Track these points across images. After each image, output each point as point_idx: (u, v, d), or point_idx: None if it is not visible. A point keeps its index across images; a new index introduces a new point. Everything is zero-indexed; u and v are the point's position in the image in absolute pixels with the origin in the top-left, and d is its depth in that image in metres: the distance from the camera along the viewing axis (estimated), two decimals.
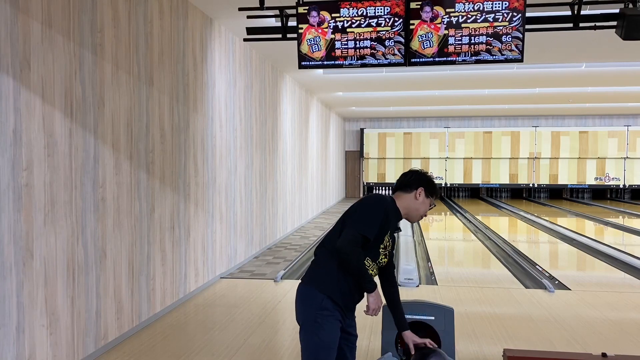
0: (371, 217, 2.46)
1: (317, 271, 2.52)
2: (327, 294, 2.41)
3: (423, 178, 2.64)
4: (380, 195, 2.56)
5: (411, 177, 2.65)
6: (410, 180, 2.64)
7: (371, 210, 2.48)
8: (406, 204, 2.61)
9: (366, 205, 2.51)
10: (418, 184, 2.61)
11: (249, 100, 7.76)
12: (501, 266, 7.46)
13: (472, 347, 4.20)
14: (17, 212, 3.17)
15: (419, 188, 2.60)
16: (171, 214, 5.23)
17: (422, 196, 2.61)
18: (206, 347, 4.21)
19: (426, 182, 2.63)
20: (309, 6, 4.79)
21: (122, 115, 4.30)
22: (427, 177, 2.66)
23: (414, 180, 2.63)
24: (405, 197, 2.61)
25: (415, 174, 2.67)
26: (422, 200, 2.61)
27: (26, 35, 3.23)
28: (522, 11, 4.53)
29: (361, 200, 2.59)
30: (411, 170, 2.72)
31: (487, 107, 16.13)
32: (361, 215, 2.47)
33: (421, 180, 2.63)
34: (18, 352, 3.18)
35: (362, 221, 2.44)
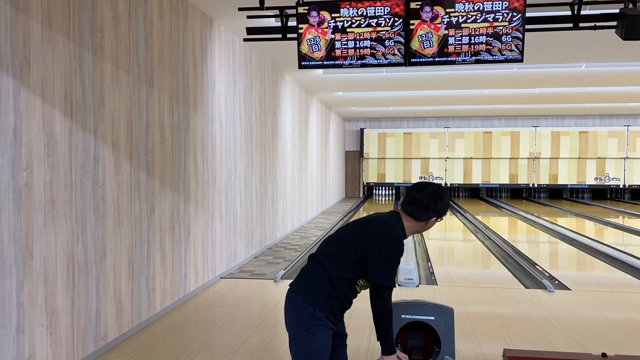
0: (394, 266, 2.41)
1: (309, 282, 2.44)
2: (317, 307, 2.37)
3: (439, 207, 2.49)
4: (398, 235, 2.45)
5: (426, 205, 2.48)
6: (424, 209, 2.48)
7: (396, 261, 2.42)
8: (415, 230, 2.55)
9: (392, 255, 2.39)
10: (432, 215, 2.49)
11: (249, 100, 7.76)
12: (501, 266, 7.46)
13: (472, 347, 4.20)
14: (17, 212, 3.17)
15: (432, 218, 2.51)
16: (171, 214, 5.23)
17: (433, 221, 2.54)
18: (206, 347, 4.21)
19: (440, 212, 2.50)
20: (309, 6, 4.79)
21: (122, 115, 4.30)
22: (442, 205, 2.49)
23: (430, 210, 2.48)
24: (415, 224, 2.52)
25: (431, 201, 2.47)
26: (432, 224, 2.55)
27: (26, 35, 3.23)
28: (522, 11, 4.53)
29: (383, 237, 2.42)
30: (428, 191, 2.50)
31: (487, 107, 16.13)
32: (390, 268, 2.38)
33: (436, 210, 2.49)
34: (18, 352, 3.18)
35: (392, 275, 2.41)
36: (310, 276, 2.45)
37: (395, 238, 2.42)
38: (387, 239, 2.41)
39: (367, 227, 2.49)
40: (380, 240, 2.40)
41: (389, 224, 2.47)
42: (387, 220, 2.49)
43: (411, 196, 2.52)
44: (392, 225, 2.46)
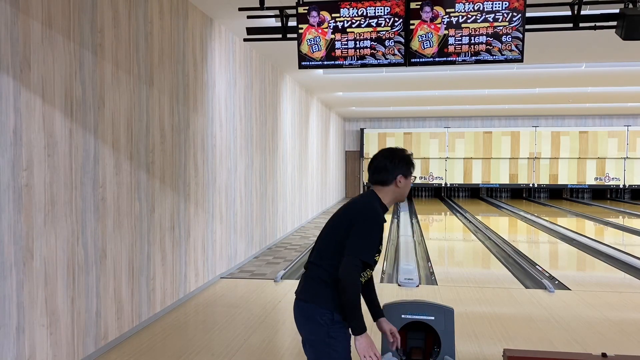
0: (372, 240, 2.33)
1: (318, 286, 2.36)
2: (335, 310, 2.30)
3: (397, 163, 2.47)
4: (373, 207, 2.41)
5: (384, 166, 2.48)
6: (385, 171, 2.47)
7: (371, 233, 2.34)
8: (391, 197, 2.48)
9: (365, 226, 2.34)
10: (395, 173, 2.46)
11: (249, 100, 7.76)
12: (501, 266, 7.46)
13: (472, 347, 4.20)
14: (17, 212, 3.17)
15: (397, 177, 2.46)
16: (171, 214, 5.23)
17: (403, 181, 2.47)
18: (206, 347, 4.21)
19: (402, 167, 2.47)
20: (309, 6, 4.79)
21: (122, 115, 4.30)
22: (400, 160, 2.48)
23: (390, 170, 2.46)
24: (387, 190, 2.47)
25: (387, 161, 2.48)
26: (404, 184, 2.48)
27: (26, 35, 3.23)
28: (522, 11, 4.53)
29: (359, 212, 2.41)
30: (381, 154, 2.53)
31: (487, 107, 16.13)
32: (361, 240, 2.30)
33: (396, 167, 2.46)
34: (18, 352, 3.18)
35: (364, 247, 2.30)
36: (316, 281, 2.38)
37: (372, 212, 2.38)
38: (364, 215, 2.37)
39: (347, 213, 2.46)
40: (359, 218, 2.37)
41: (365, 201, 2.46)
42: (363, 199, 2.49)
43: (371, 166, 2.54)
44: (369, 202, 2.45)
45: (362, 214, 2.39)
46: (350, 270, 2.24)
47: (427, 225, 12.72)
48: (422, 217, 13.49)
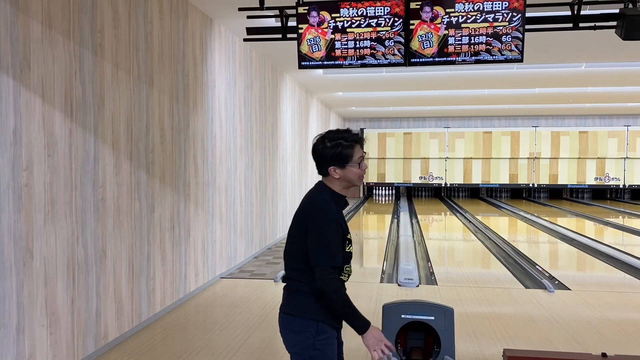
0: (330, 242, 2.20)
1: (300, 299, 2.27)
2: (320, 320, 2.22)
3: (326, 155, 2.28)
4: (320, 205, 2.27)
5: (315, 156, 2.32)
6: (317, 162, 2.32)
7: (325, 234, 2.20)
8: (338, 186, 2.32)
9: (317, 229, 2.21)
10: (326, 166, 2.29)
11: (249, 100, 7.76)
12: (501, 266, 7.46)
13: (472, 347, 4.20)
14: (17, 212, 3.17)
15: (329, 170, 2.28)
16: (171, 214, 5.23)
17: (339, 172, 2.28)
18: (206, 347, 4.21)
19: (333, 159, 2.27)
20: (309, 6, 4.79)
21: (122, 115, 4.30)
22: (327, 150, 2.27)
23: (319, 162, 2.31)
24: (330, 179, 2.31)
25: (317, 151, 2.31)
26: (343, 174, 2.29)
27: (26, 35, 3.23)
28: (522, 11, 4.53)
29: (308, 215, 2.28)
30: (314, 142, 2.33)
31: (487, 107, 16.13)
32: (320, 246, 2.19)
33: (325, 159, 2.28)
34: (18, 352, 3.18)
35: (326, 252, 2.19)
36: (299, 294, 2.27)
37: (320, 212, 2.25)
38: (313, 217, 2.25)
39: (300, 216, 2.33)
40: (309, 221, 2.25)
41: (313, 199, 2.32)
42: (312, 196, 2.34)
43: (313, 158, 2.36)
44: (316, 199, 2.31)
45: (311, 215, 2.27)
46: (326, 281, 2.16)
47: (427, 225, 12.72)
48: (422, 217, 13.49)
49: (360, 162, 2.30)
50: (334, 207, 2.30)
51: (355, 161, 2.28)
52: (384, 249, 8.85)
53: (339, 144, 2.26)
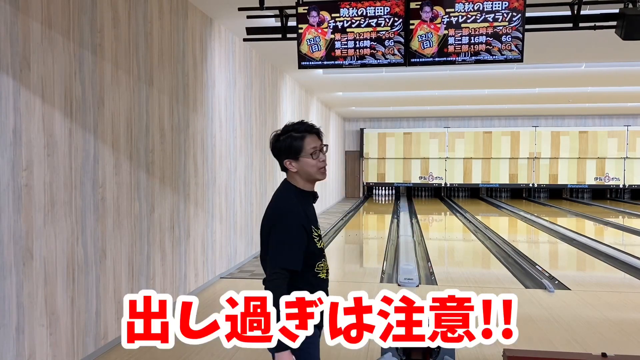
0: (288, 241, 2.15)
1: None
2: None
3: (279, 148, 2.23)
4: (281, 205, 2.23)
5: (273, 151, 2.26)
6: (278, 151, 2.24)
7: (282, 237, 2.15)
8: (299, 181, 2.27)
9: (277, 230, 2.18)
10: (281, 159, 2.24)
11: (249, 100, 7.76)
12: (501, 266, 7.46)
13: (472, 347, 4.19)
14: (17, 212, 3.17)
15: (284, 163, 2.24)
16: (171, 214, 5.23)
17: (295, 164, 2.23)
18: (206, 347, 4.20)
19: (284, 152, 2.21)
20: (309, 6, 4.79)
21: (122, 115, 4.30)
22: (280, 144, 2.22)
23: (276, 156, 2.26)
24: (292, 175, 2.27)
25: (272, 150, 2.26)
26: (299, 166, 2.23)
27: (26, 35, 3.23)
28: (522, 11, 4.53)
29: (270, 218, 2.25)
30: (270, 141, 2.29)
31: (487, 107, 16.13)
32: (277, 246, 2.17)
33: (280, 152, 2.23)
34: (18, 352, 3.18)
35: (281, 252, 2.15)
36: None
37: (280, 212, 2.21)
38: (274, 218, 2.22)
39: (266, 218, 2.30)
40: (271, 222, 2.22)
41: (276, 200, 2.28)
42: (276, 196, 2.29)
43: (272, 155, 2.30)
44: (279, 199, 2.26)
45: (273, 216, 2.24)
46: (268, 280, 2.16)
47: (427, 225, 12.72)
48: (421, 217, 13.49)
49: (314, 152, 2.21)
50: (299, 205, 2.23)
51: (308, 152, 2.20)
52: (383, 249, 8.84)
53: (290, 135, 2.21)
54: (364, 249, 9.80)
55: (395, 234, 10.29)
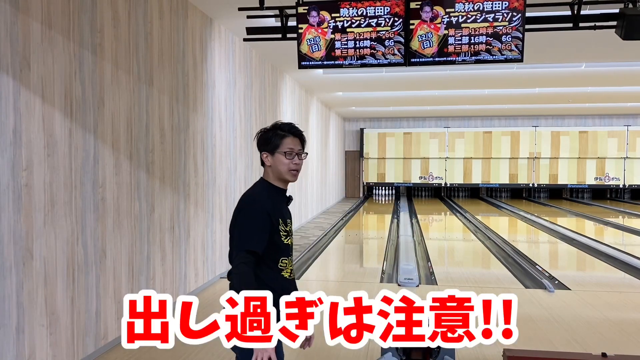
0: (252, 227, 2.23)
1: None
2: None
3: (260, 142, 2.37)
4: (250, 197, 2.33)
5: (257, 145, 2.40)
6: (258, 150, 2.39)
7: (246, 220, 2.26)
8: (272, 175, 2.38)
9: (242, 216, 2.29)
10: (260, 152, 2.37)
11: (249, 100, 7.76)
12: (501, 266, 7.46)
13: (472, 347, 4.19)
14: (17, 212, 3.17)
15: (261, 155, 2.37)
16: (171, 214, 5.23)
17: (270, 159, 2.35)
18: (206, 347, 4.20)
19: (264, 145, 2.34)
20: (309, 6, 4.79)
21: (122, 115, 4.30)
22: (261, 138, 2.36)
23: (258, 150, 2.38)
24: (265, 170, 2.41)
25: (256, 143, 2.40)
26: (273, 161, 2.35)
27: (26, 35, 3.23)
28: (522, 11, 4.53)
29: (237, 208, 2.35)
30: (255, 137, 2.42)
31: (487, 107, 16.13)
32: (241, 230, 2.27)
33: (259, 143, 2.37)
34: (18, 352, 3.18)
35: (245, 236, 2.23)
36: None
37: (247, 201, 2.32)
38: (240, 207, 2.33)
39: (234, 213, 2.39)
40: (237, 213, 2.34)
41: (245, 194, 2.38)
42: (246, 191, 2.41)
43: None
44: (248, 194, 2.37)
45: (239, 204, 2.35)
46: (236, 264, 2.22)
47: (427, 225, 12.72)
48: (422, 217, 13.49)
49: (289, 153, 2.31)
50: (268, 199, 2.31)
51: (283, 150, 2.30)
52: (383, 249, 8.85)
53: (275, 132, 2.33)
54: (364, 248, 9.80)
55: (395, 233, 10.29)
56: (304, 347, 2.30)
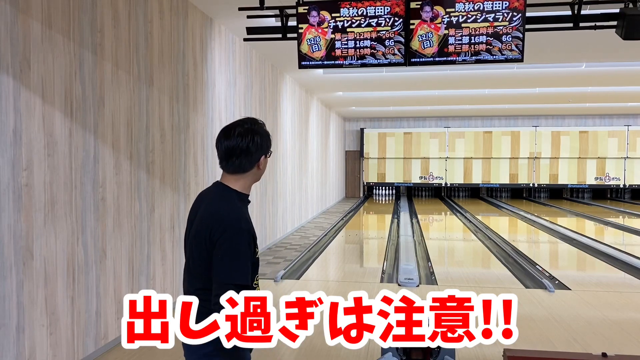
0: (241, 257, 1.93)
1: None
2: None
3: (259, 143, 2.01)
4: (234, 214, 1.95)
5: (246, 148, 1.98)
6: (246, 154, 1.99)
7: (239, 247, 1.92)
8: (247, 182, 2.05)
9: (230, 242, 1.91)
10: (258, 155, 2.02)
11: (249, 100, 7.75)
12: (501, 266, 7.46)
13: (472, 347, 4.19)
14: (17, 212, 3.17)
15: (260, 159, 2.04)
16: (171, 214, 5.23)
17: (264, 162, 2.06)
18: None
19: (265, 146, 2.04)
20: (309, 6, 4.79)
21: (122, 115, 4.30)
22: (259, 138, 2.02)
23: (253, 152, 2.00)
24: (246, 176, 2.03)
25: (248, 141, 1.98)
26: (264, 164, 2.08)
27: (26, 35, 3.23)
28: (522, 11, 4.53)
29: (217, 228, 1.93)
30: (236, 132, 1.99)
31: (487, 107, 16.13)
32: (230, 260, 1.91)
33: (259, 147, 2.01)
34: (18, 352, 3.18)
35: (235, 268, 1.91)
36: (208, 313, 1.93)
37: (235, 222, 1.94)
38: (225, 228, 1.92)
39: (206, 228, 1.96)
40: (220, 233, 1.92)
41: (223, 210, 1.97)
42: (220, 206, 1.98)
43: (224, 147, 1.99)
44: (227, 206, 1.98)
45: (223, 226, 1.93)
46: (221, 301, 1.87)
47: (427, 225, 12.72)
48: (422, 217, 13.49)
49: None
50: (244, 212, 2.03)
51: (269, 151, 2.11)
52: (384, 249, 8.85)
53: (262, 133, 2.04)
54: (364, 248, 9.80)
55: (395, 233, 10.29)
56: None
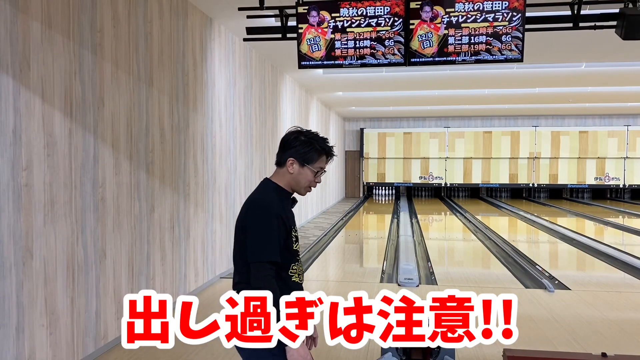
0: (268, 235, 2.08)
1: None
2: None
3: (293, 145, 2.21)
4: (260, 201, 2.17)
5: (284, 143, 2.24)
6: (282, 148, 2.23)
7: (263, 228, 2.09)
8: (285, 181, 2.23)
9: (255, 224, 2.10)
10: (288, 154, 2.21)
11: (249, 100, 7.76)
12: (501, 266, 7.46)
13: (472, 347, 4.19)
14: (17, 212, 3.17)
15: (288, 160, 2.20)
16: (171, 214, 5.23)
17: (296, 168, 2.21)
18: (206, 347, 4.20)
19: (298, 151, 2.20)
20: (309, 6, 4.79)
21: (122, 115, 4.30)
22: (297, 142, 2.21)
23: (285, 148, 2.22)
24: (281, 172, 2.24)
25: (285, 141, 2.24)
26: (297, 172, 2.21)
27: (26, 35, 3.23)
28: (522, 11, 4.53)
29: (247, 213, 2.16)
30: (287, 133, 2.26)
31: (487, 107, 16.13)
32: (257, 239, 2.09)
33: (291, 147, 2.21)
34: (18, 352, 3.18)
35: (262, 246, 2.07)
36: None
37: (259, 207, 2.15)
38: (252, 213, 2.14)
39: (241, 218, 2.20)
40: (248, 218, 2.14)
41: (254, 198, 2.21)
42: (254, 195, 2.24)
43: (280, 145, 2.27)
44: (257, 198, 2.20)
45: (250, 212, 2.16)
46: (261, 277, 2.04)
47: (427, 225, 12.72)
48: (422, 217, 13.49)
49: (319, 172, 2.25)
50: (278, 202, 2.19)
51: (315, 167, 2.23)
52: (384, 249, 8.84)
53: (312, 143, 2.22)
54: (364, 248, 9.80)
55: (395, 233, 10.29)
56: (310, 348, 2.27)
